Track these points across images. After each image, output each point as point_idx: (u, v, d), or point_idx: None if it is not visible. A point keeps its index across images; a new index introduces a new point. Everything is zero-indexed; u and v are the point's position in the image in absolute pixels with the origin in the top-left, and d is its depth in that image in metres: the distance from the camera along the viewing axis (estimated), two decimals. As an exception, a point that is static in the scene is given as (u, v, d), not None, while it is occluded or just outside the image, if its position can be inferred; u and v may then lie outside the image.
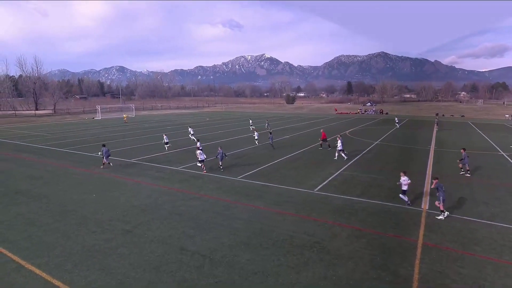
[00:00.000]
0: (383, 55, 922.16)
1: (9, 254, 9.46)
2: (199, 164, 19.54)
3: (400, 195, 13.55)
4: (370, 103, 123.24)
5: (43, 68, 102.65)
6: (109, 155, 21.10)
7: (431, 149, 28.13)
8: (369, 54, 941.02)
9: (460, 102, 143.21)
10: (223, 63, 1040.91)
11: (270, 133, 29.60)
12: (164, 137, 27.20)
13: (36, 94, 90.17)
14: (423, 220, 11.94)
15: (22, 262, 9.01)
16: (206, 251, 9.61)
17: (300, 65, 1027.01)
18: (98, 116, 68.53)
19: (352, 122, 56.56)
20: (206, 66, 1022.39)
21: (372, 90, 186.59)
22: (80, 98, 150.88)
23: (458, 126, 50.58)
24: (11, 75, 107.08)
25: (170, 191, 15.48)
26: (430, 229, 11.19)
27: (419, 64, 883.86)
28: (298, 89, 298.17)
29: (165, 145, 26.91)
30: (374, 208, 13.17)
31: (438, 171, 19.56)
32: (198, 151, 19.50)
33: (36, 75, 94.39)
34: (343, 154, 22.76)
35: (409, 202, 13.47)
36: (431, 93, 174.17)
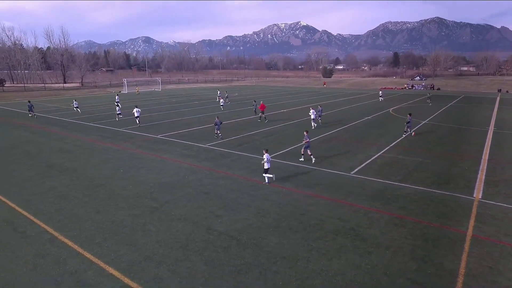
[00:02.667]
0: (438, 21, 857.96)
1: (44, 226, 10.42)
2: (120, 117, 30.84)
3: (263, 174, 13.87)
4: (420, 77, 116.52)
5: (70, 40, 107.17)
6: (31, 109, 32.81)
7: (489, 130, 26.37)
8: (421, 20, 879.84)
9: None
10: (254, 33, 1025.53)
11: (255, 101, 35.75)
12: (135, 110, 28.12)
13: (64, 66, 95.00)
14: (474, 210, 11.43)
15: (55, 234, 9.89)
16: (233, 232, 9.94)
17: (339, 34, 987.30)
18: (125, 90, 71.18)
19: (397, 99, 54.09)
20: (236, 36, 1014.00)
21: (423, 62, 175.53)
22: (107, 70, 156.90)
23: (525, 105, 46.61)
24: (39, 47, 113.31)
25: (197, 169, 15.99)
26: (482, 220, 10.71)
27: (481, 31, 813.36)
28: (337, 61, 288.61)
29: (136, 119, 27.92)
30: (418, 195, 12.77)
31: (497, 156, 18.40)
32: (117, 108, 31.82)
33: (64, 47, 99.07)
34: (313, 123, 26.35)
35: (268, 182, 13.84)
36: (494, 66, 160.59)
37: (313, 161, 16.86)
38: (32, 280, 7.75)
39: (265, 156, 13.71)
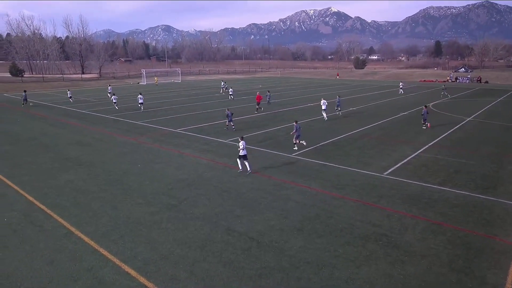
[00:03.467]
0: (488, 6, 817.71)
1: (60, 220, 10.91)
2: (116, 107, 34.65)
3: (238, 159, 15.10)
4: (465, 68, 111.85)
5: (89, 29, 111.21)
6: (25, 99, 37.58)
7: (545, 129, 24.96)
8: (468, 5, 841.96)
9: None
10: (280, 20, 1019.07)
11: (268, 91, 38.11)
12: (139, 96, 33.36)
13: (82, 56, 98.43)
14: (525, 219, 10.88)
15: (72, 229, 10.34)
16: (254, 234, 10.01)
17: (374, 21, 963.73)
18: (143, 81, 72.87)
19: (438, 93, 52.24)
20: (260, 24, 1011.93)
21: (469, 51, 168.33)
22: (125, 61, 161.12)
23: None
24: (58, 36, 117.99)
25: (217, 166, 16.17)
26: (534, 230, 10.18)
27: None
28: (371, 51, 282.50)
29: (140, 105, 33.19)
30: (460, 200, 12.33)
31: (553, 159, 17.43)
32: (113, 96, 35.85)
33: (82, 36, 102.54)
34: (324, 114, 27.73)
35: (242, 170, 15.03)
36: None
37: (294, 147, 18.90)
38: (49, 275, 8.14)
39: (241, 144, 14.76)
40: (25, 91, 39.59)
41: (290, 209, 11.58)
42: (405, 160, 17.00)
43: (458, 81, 78.23)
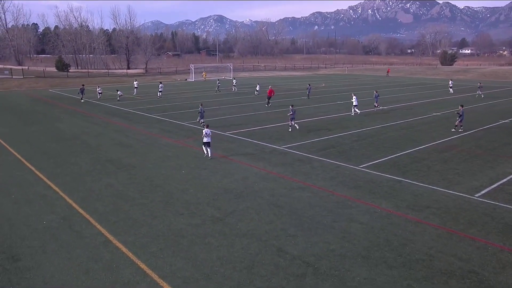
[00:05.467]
0: None
1: (98, 226, 11.69)
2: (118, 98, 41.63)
3: (202, 146, 18.57)
4: None
5: (136, 20, 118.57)
6: (83, 91, 42.61)
7: None
8: None
9: None
10: (350, 8, 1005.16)
11: (309, 84, 44.78)
12: (160, 85, 44.93)
13: (128, 50, 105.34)
14: None
15: (110, 237, 11.02)
16: (310, 258, 9.88)
17: (468, 7, 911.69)
18: (191, 78, 75.84)
19: (551, 96, 47.74)
20: (326, 13, 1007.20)
21: None
22: (173, 55, 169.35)
23: None
24: (105, 29, 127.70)
25: (270, 176, 16.27)
26: None
27: None
28: (462, 43, 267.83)
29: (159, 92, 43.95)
30: None
31: None
32: (119, 92, 42.99)
33: (129, 28, 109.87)
34: (356, 109, 31.31)
35: (208, 155, 18.41)
36: None
37: (289, 130, 24.72)
38: (85, 285, 8.74)
39: (204, 131, 18.25)
40: (83, 85, 44.68)
41: (354, 232, 11.28)
42: (505, 180, 15.77)
43: None
